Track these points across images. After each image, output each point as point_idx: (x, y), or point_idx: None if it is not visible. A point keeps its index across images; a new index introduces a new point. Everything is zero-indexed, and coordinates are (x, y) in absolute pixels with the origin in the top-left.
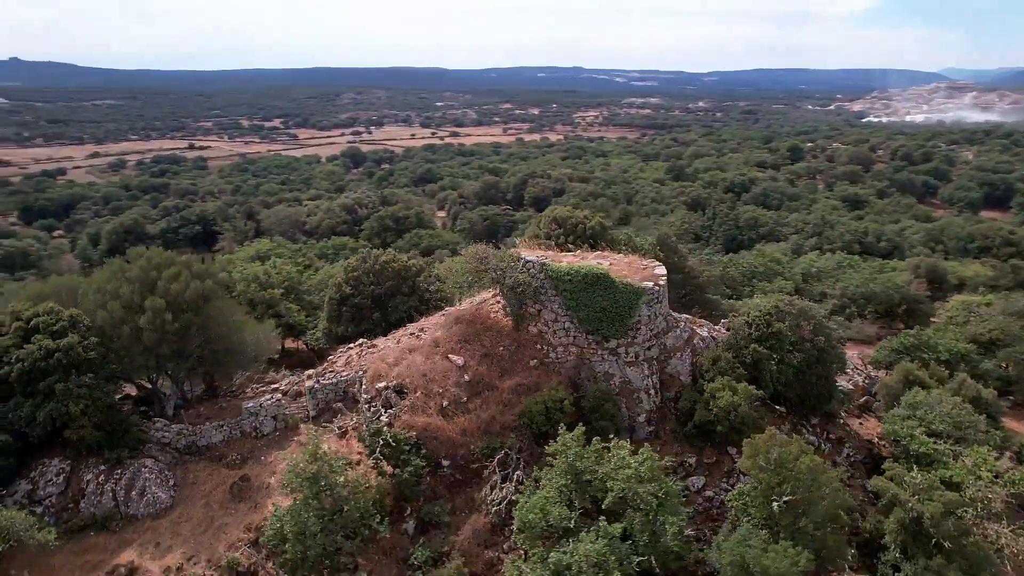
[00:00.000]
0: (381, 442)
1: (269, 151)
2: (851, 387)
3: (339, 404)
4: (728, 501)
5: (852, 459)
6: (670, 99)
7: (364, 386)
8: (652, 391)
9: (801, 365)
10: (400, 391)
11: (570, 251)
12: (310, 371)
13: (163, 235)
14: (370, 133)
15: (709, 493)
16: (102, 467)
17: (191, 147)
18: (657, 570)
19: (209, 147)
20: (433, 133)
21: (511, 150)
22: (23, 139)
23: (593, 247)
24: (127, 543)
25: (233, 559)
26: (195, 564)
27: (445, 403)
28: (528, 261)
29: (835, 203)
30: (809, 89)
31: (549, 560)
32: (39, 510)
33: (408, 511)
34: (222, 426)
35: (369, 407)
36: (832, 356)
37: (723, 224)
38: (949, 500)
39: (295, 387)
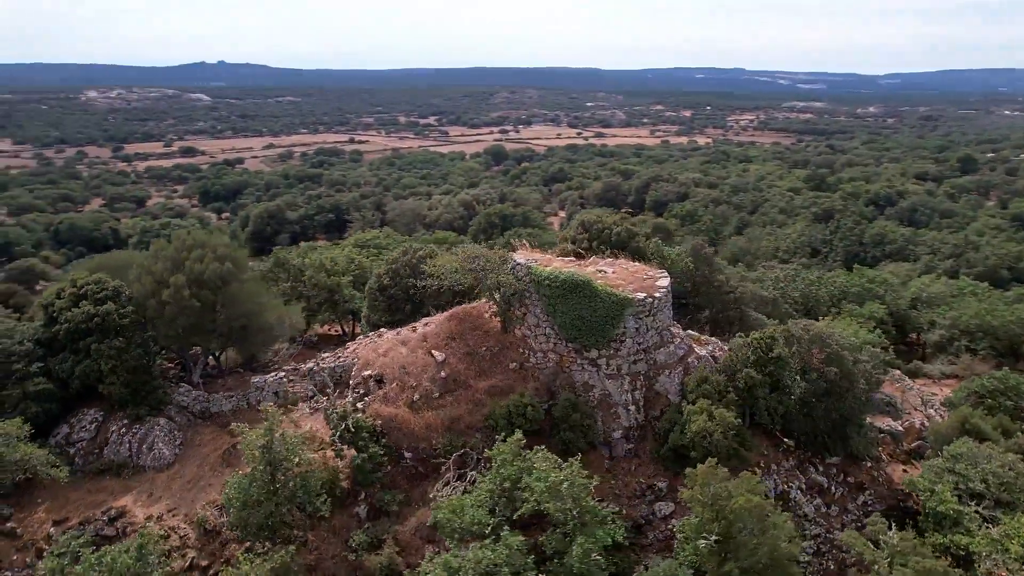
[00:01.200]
0: (343, 426)
1: (420, 147)
2: (901, 429)
3: (330, 387)
4: (676, 532)
5: (869, 508)
6: (836, 103)
7: (353, 372)
8: (633, 407)
9: (805, 397)
10: (380, 380)
11: (581, 256)
12: (325, 354)
13: (300, 221)
14: (517, 132)
15: (675, 522)
16: (125, 421)
17: (351, 141)
18: None
19: (367, 141)
20: (579, 133)
21: (652, 152)
22: (216, 131)
23: (618, 253)
24: (128, 490)
25: (202, 517)
26: (174, 516)
27: (416, 396)
28: (516, 264)
29: (999, 222)
30: (1010, 92)
31: (438, 561)
32: (72, 451)
33: (362, 496)
34: (231, 396)
35: (352, 393)
36: (850, 390)
37: (845, 239)
38: (930, 570)
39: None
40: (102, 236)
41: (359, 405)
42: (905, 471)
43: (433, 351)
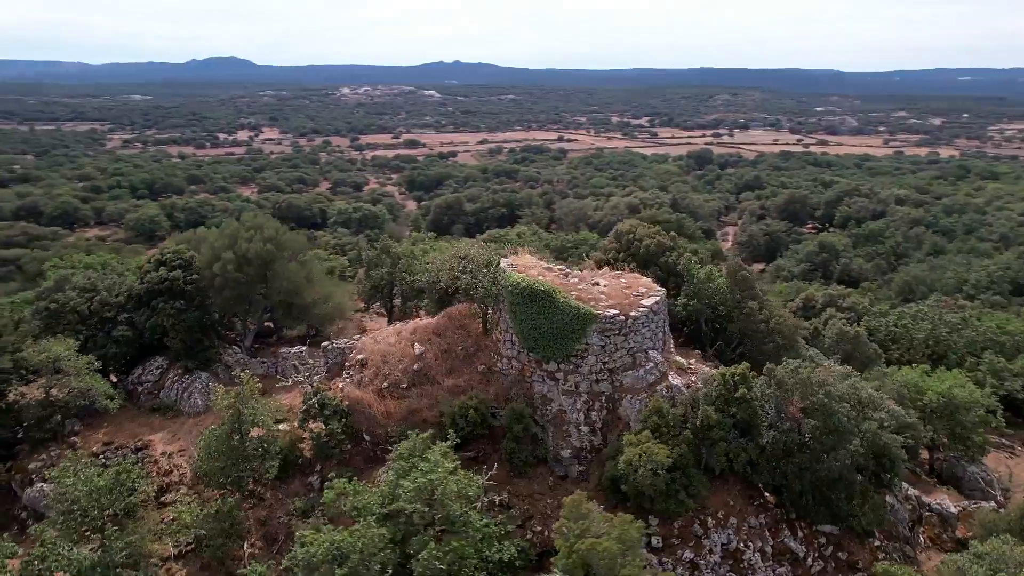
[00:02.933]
0: (312, 401)
1: (625, 147)
2: (954, 510)
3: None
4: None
5: None
6: None
7: (350, 356)
8: (586, 428)
9: (774, 449)
10: (364, 365)
11: (611, 266)
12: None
13: (475, 213)
14: (731, 136)
15: None
16: (179, 371)
17: (560, 139)
18: None
19: (575, 140)
20: (799, 140)
21: (878, 164)
22: (439, 126)
23: (646, 268)
24: (161, 428)
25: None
26: (181, 456)
27: (386, 384)
28: (500, 267)
29: None
30: None
31: (300, 536)
32: (140, 389)
33: (319, 468)
34: (264, 363)
35: (344, 373)
36: (837, 449)
37: None
38: None
39: None
40: (312, 215)
41: (341, 384)
42: (943, 561)
43: (416, 344)
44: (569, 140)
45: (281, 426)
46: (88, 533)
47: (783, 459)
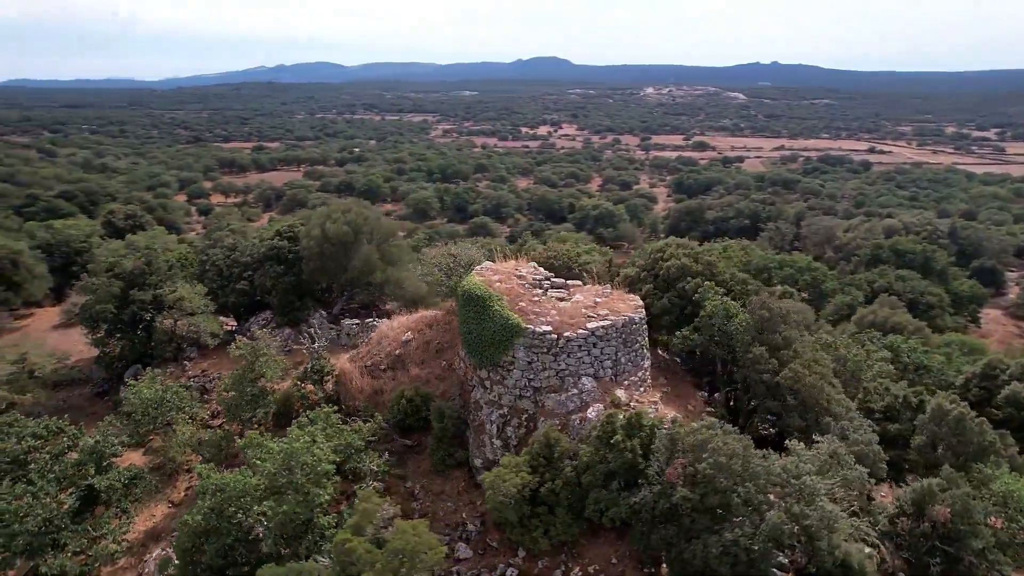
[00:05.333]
0: (310, 366)
1: (952, 163)
2: None
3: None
4: None
5: None
6: None
7: (374, 334)
8: (499, 442)
9: (643, 511)
10: (368, 344)
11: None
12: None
13: (715, 221)
14: None
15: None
16: (273, 325)
17: (870, 150)
18: None
19: (889, 152)
20: None
21: None
22: (736, 129)
23: (666, 291)
24: None
25: None
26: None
27: (369, 363)
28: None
29: None
30: None
31: (197, 469)
32: (247, 334)
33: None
34: (332, 329)
35: (356, 349)
36: (722, 523)
37: None
38: None
39: None
40: (560, 209)
41: (343, 357)
42: None
43: (408, 331)
44: (881, 152)
45: (287, 383)
46: (142, 433)
47: (656, 525)
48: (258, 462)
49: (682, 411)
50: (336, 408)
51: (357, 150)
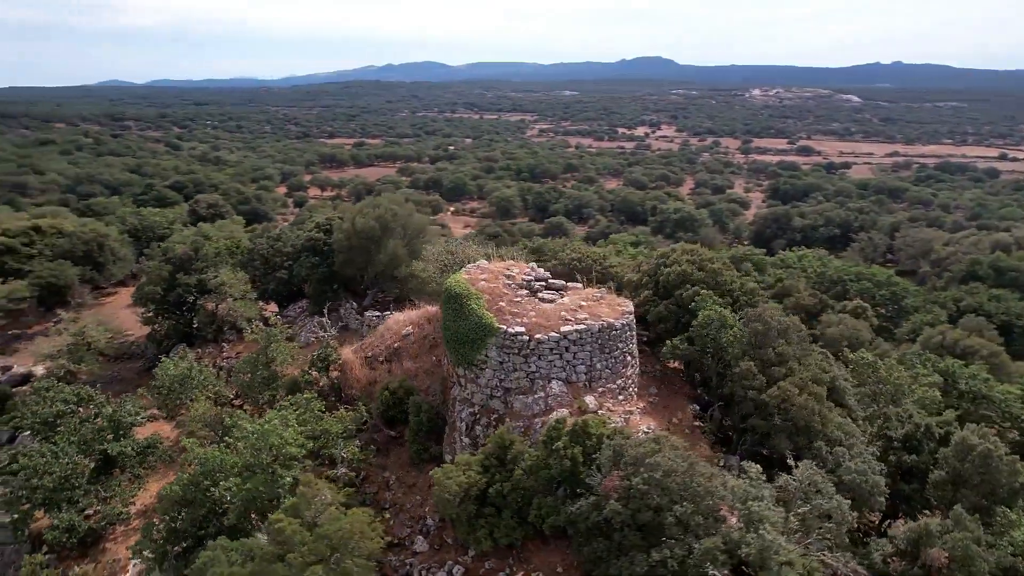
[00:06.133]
0: (318, 354)
1: None
2: None
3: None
4: None
5: None
6: None
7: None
8: (467, 439)
9: (579, 522)
10: (374, 335)
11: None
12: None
13: (803, 229)
14: None
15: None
16: (307, 312)
17: (1001, 157)
18: None
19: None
20: None
21: None
22: (847, 134)
23: (665, 297)
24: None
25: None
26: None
27: (370, 354)
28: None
29: None
30: None
31: (184, 442)
32: (285, 320)
33: None
34: (359, 319)
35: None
36: (658, 538)
37: None
38: None
39: None
40: (643, 211)
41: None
42: None
43: (409, 326)
44: (1014, 159)
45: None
46: (170, 407)
47: (590, 538)
48: (230, 440)
49: (665, 424)
50: (337, 396)
51: (451, 148)
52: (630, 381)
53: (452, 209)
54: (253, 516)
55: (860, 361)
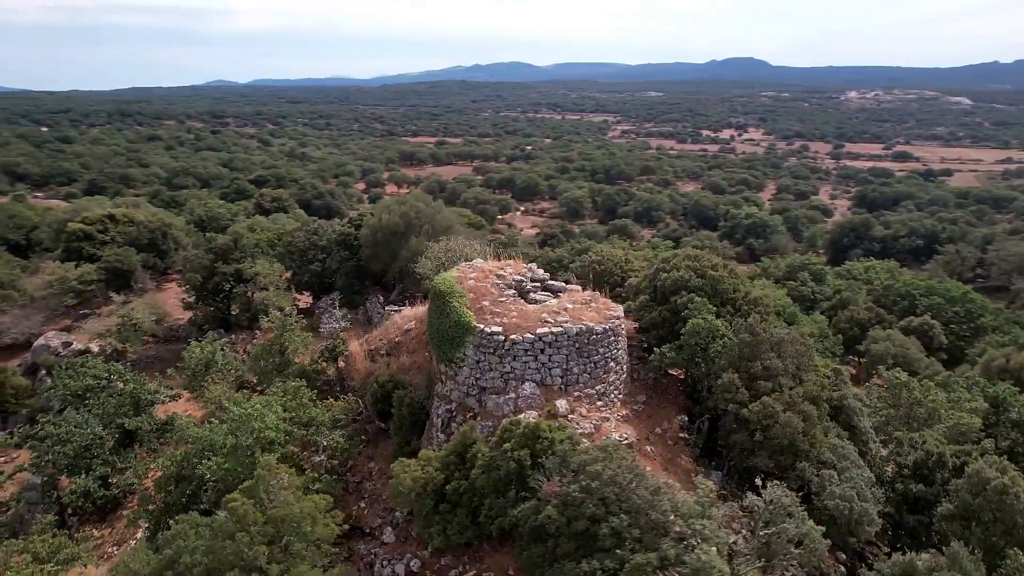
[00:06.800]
0: (328, 345)
1: None
2: None
3: None
4: None
5: None
6: None
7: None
8: (443, 435)
9: (520, 527)
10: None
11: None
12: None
13: (883, 239)
14: None
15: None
16: (334, 305)
17: None
18: None
19: None
20: None
21: None
22: (953, 139)
23: (662, 303)
24: None
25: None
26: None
27: (373, 347)
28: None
29: None
30: None
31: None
32: (317, 311)
33: None
34: (381, 313)
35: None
36: (594, 544)
37: None
38: None
39: None
40: (715, 216)
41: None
42: None
43: (412, 320)
44: None
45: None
46: (194, 389)
47: (530, 542)
48: (215, 421)
49: (646, 433)
50: (341, 387)
51: (529, 148)
52: (612, 387)
53: (522, 209)
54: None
55: (893, 380)
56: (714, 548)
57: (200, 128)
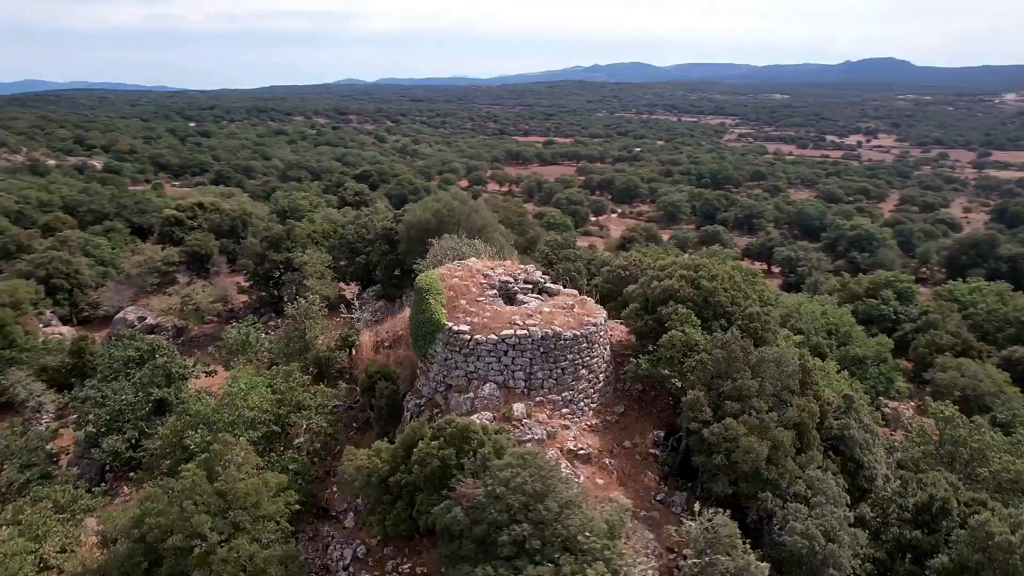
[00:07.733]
0: (340, 334)
1: None
2: None
3: None
4: None
5: None
6: None
7: None
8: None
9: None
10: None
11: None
12: None
13: (1011, 259)
14: None
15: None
16: (375, 295)
17: None
18: None
19: None
20: None
21: None
22: None
23: (651, 312)
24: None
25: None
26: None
27: (380, 339)
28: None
29: None
30: None
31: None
32: (360, 302)
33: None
34: (388, 308)
35: None
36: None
37: None
38: None
39: None
40: (820, 226)
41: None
42: None
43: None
44: None
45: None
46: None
47: (443, 541)
48: (204, 398)
49: (612, 445)
50: (349, 375)
51: (638, 149)
52: (582, 395)
53: (619, 211)
54: None
55: (937, 415)
56: (612, 571)
57: (323, 124)
